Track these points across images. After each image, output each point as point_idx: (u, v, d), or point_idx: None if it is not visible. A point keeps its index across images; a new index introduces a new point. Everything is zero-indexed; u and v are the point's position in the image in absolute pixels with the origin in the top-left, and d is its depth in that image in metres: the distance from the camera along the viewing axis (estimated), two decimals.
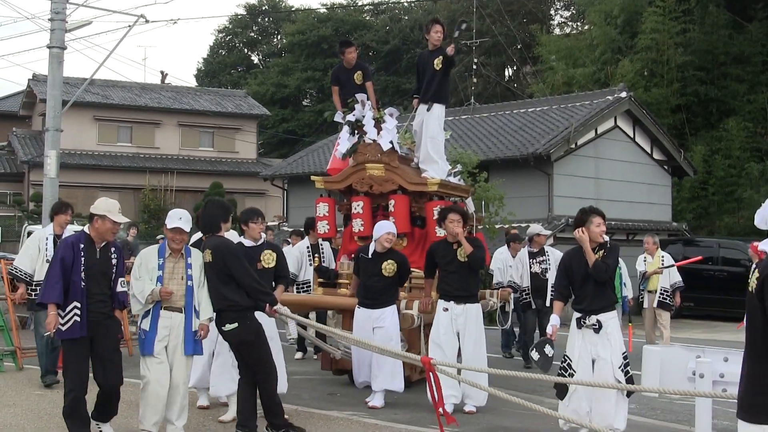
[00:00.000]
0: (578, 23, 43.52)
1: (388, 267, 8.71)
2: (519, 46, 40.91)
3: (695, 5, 30.42)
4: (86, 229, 6.83)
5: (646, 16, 30.16)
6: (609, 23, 32.35)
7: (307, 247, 12.23)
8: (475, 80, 34.39)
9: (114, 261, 6.86)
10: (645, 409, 9.14)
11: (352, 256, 9.51)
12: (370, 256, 8.80)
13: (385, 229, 8.81)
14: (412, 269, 9.25)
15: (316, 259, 12.12)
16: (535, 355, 7.29)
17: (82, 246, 6.68)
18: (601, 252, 7.17)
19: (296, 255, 12.10)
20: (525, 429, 8.01)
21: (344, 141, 10.45)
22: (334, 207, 10.68)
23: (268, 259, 7.77)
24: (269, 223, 25.08)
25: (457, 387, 8.36)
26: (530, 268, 12.18)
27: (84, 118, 34.61)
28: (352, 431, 7.54)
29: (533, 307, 12.11)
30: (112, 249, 6.89)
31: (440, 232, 9.16)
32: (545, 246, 12.61)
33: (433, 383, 6.40)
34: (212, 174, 36.10)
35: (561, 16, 47.00)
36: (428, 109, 10.26)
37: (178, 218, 6.90)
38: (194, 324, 6.84)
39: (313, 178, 11.13)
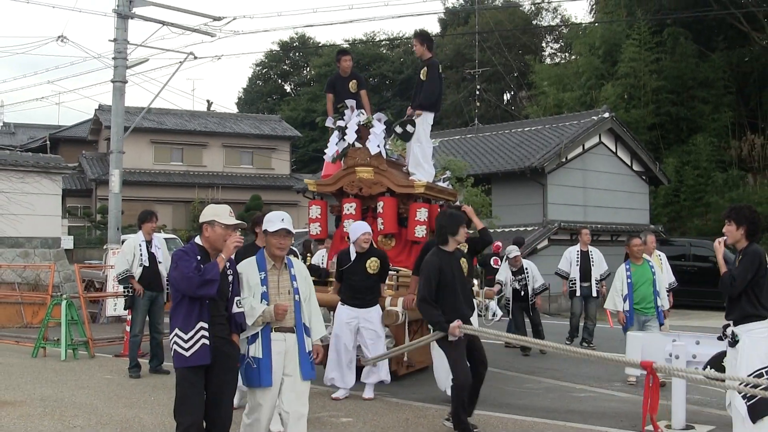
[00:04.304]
0: (566, 54, 43.49)
1: (373, 264, 7.99)
2: (516, 74, 40.87)
3: (667, 38, 30.58)
4: (197, 240, 5.08)
5: (624, 48, 30.31)
6: (593, 53, 32.42)
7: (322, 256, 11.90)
8: (478, 104, 34.64)
9: (230, 278, 5.04)
10: (631, 388, 8.98)
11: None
12: (352, 258, 8.02)
13: (360, 230, 8.00)
14: (399, 268, 8.78)
15: (308, 258, 11.75)
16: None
17: (198, 258, 4.91)
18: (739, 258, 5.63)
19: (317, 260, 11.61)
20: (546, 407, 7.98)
21: (332, 145, 9.65)
22: (326, 209, 9.86)
23: None
24: (297, 230, 25.15)
25: None
26: (511, 284, 11.90)
27: (142, 142, 34.80)
28: (377, 408, 7.52)
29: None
30: (227, 263, 5.02)
31: (420, 233, 8.64)
32: (524, 261, 12.13)
33: (650, 386, 5.68)
34: (252, 188, 36.16)
35: (551, 48, 47.03)
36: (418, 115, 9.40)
37: (280, 220, 5.20)
38: (307, 344, 5.25)
39: (306, 181, 10.49)
